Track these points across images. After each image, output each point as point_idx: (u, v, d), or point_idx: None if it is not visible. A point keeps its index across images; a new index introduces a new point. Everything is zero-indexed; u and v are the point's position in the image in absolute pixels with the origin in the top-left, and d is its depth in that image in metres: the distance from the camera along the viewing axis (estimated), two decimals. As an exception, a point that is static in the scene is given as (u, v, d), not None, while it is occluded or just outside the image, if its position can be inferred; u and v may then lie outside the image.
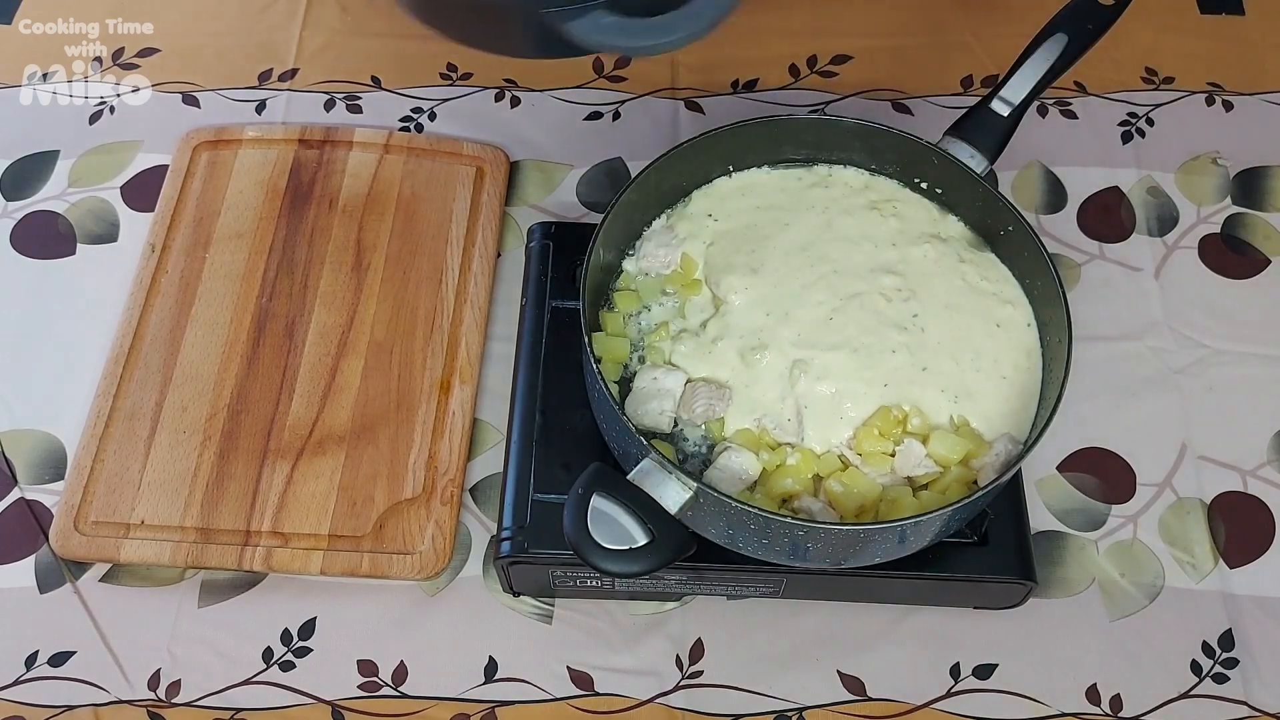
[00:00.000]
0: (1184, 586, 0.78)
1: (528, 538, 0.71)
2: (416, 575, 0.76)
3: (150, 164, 0.96)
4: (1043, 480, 0.82)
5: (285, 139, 0.95)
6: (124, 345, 0.84)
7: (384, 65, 1.02)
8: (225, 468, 0.79)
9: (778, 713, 0.74)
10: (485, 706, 0.74)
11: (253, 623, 0.76)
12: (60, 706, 0.73)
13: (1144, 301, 0.89)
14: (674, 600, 0.77)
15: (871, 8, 1.06)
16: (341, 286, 0.87)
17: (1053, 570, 0.78)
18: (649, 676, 0.74)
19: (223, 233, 0.90)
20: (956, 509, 0.62)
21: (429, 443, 0.81)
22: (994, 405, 0.70)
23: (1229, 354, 0.87)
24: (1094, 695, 0.74)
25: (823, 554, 0.65)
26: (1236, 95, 1.01)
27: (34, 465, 0.82)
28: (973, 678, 0.75)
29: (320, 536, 0.77)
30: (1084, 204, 0.94)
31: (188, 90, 1.01)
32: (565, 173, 0.96)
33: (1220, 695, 0.74)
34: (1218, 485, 0.81)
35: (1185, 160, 0.97)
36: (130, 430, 0.81)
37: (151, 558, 0.76)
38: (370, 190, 0.92)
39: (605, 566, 0.59)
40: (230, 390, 0.82)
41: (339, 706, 0.74)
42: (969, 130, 0.75)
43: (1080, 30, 0.74)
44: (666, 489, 0.61)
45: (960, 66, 1.03)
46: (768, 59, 1.03)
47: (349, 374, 0.83)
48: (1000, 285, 0.75)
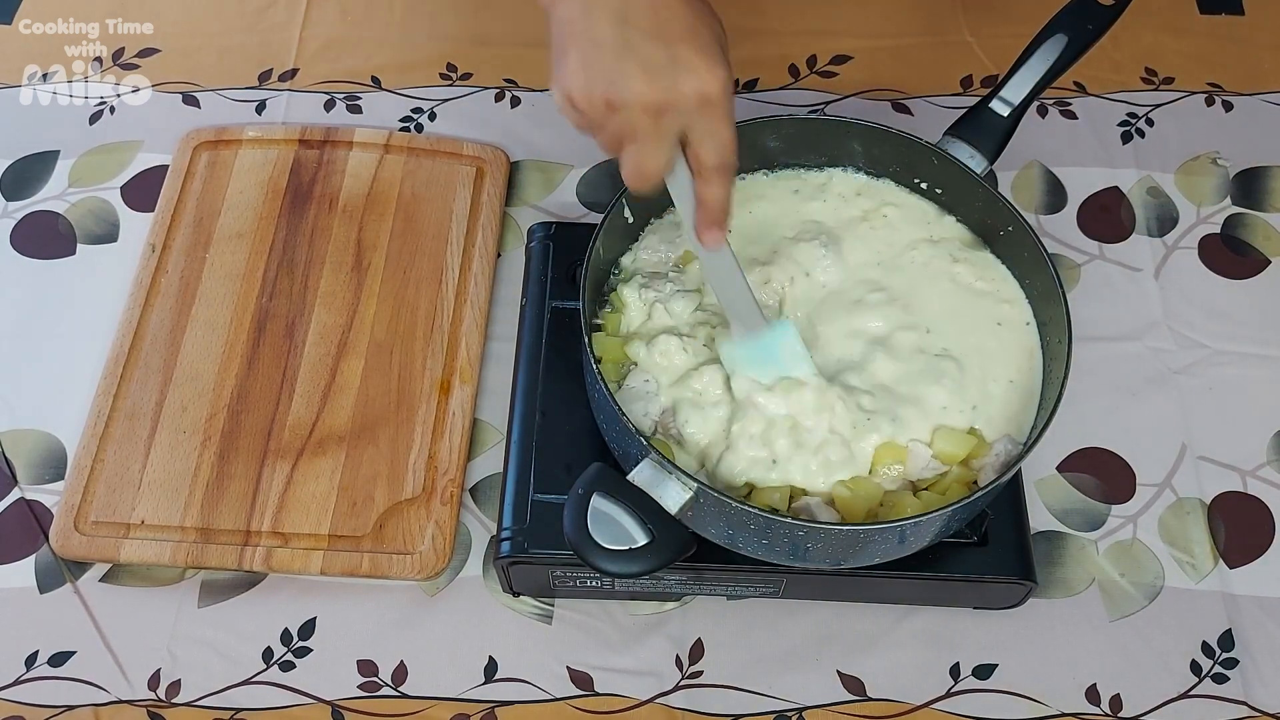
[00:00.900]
0: (1184, 586, 0.78)
1: (528, 538, 0.70)
2: (416, 575, 0.76)
3: (150, 164, 0.96)
4: (1043, 480, 0.82)
5: (285, 139, 0.95)
6: (124, 345, 0.84)
7: (384, 65, 1.02)
8: (225, 468, 0.79)
9: (778, 713, 0.74)
10: (485, 706, 0.74)
11: (253, 623, 0.76)
12: (60, 706, 0.73)
13: (1144, 301, 0.89)
14: (674, 600, 0.77)
15: (871, 8, 1.06)
16: (341, 286, 0.87)
17: (1053, 570, 0.78)
18: (649, 676, 0.74)
19: (223, 233, 0.90)
20: (956, 509, 0.62)
21: (429, 443, 0.81)
22: (999, 409, 0.70)
23: (1229, 354, 0.87)
24: (1094, 695, 0.74)
25: (823, 554, 0.65)
26: (1236, 95, 1.01)
27: (34, 465, 0.82)
28: (973, 678, 0.75)
29: (320, 536, 0.77)
30: (1084, 204, 0.94)
31: (188, 90, 1.01)
32: (565, 173, 0.96)
33: (1220, 695, 0.74)
34: (1218, 485, 0.81)
35: (1185, 160, 0.97)
36: (130, 430, 0.81)
37: (151, 558, 0.76)
38: (370, 190, 0.92)
39: (605, 567, 0.59)
40: (230, 390, 0.82)
41: (339, 706, 0.74)
42: (969, 130, 0.75)
43: (1080, 30, 0.74)
44: (666, 489, 0.61)
45: (960, 66, 1.03)
46: (768, 59, 1.03)
47: (349, 374, 0.83)
48: (998, 284, 0.75)
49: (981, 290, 0.75)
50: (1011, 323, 0.73)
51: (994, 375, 0.72)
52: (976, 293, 0.74)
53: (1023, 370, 0.72)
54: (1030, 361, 0.72)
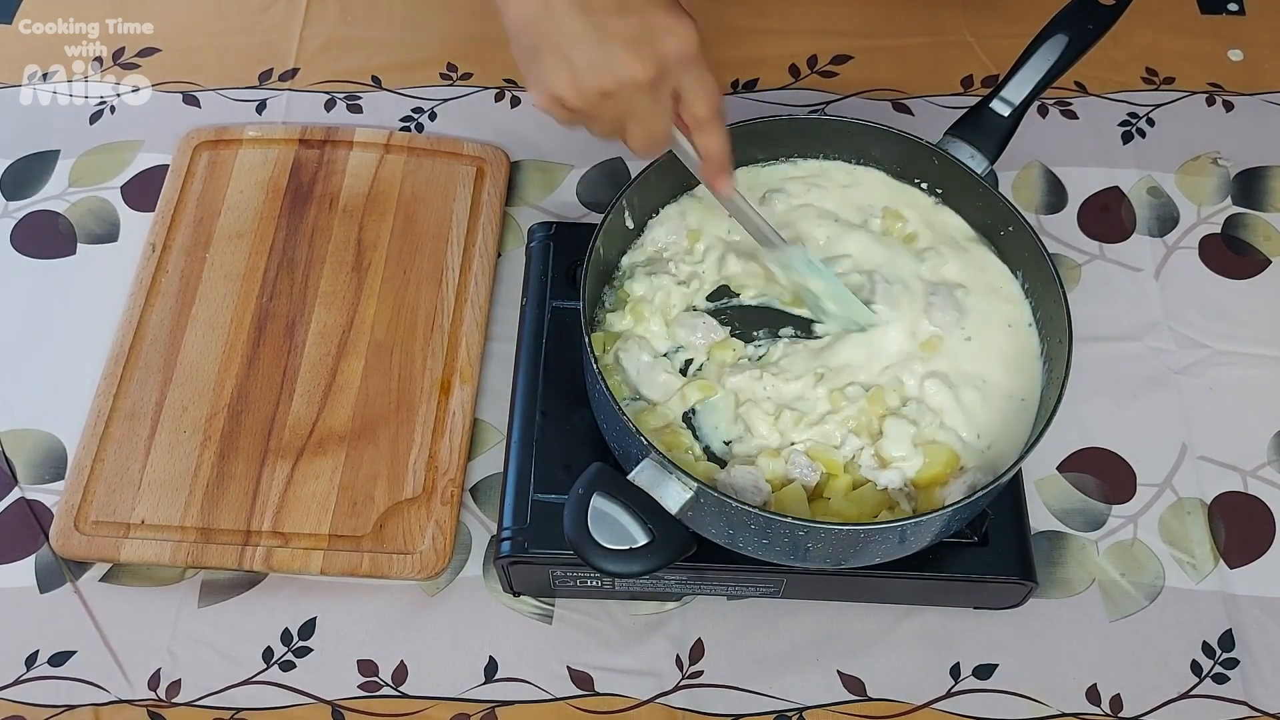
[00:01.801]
0: (1184, 586, 0.78)
1: (528, 538, 0.70)
2: (416, 575, 0.76)
3: (150, 164, 0.96)
4: (1043, 480, 0.82)
5: (285, 139, 0.95)
6: (124, 345, 0.84)
7: (384, 65, 1.02)
8: (225, 467, 0.79)
9: (778, 713, 0.74)
10: (485, 706, 0.74)
11: (253, 623, 0.76)
12: (60, 706, 0.73)
13: (1144, 301, 0.89)
14: (674, 600, 0.77)
15: (872, 8, 1.06)
16: (342, 286, 0.87)
17: (1053, 570, 0.78)
18: (649, 676, 0.74)
19: (223, 233, 0.90)
20: (956, 509, 0.62)
21: (429, 443, 0.81)
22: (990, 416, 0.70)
23: (1229, 354, 0.87)
24: (1094, 695, 0.74)
25: (823, 554, 0.65)
26: (1236, 95, 1.01)
27: (34, 465, 0.82)
28: (973, 678, 0.75)
29: (320, 536, 0.77)
30: (1084, 204, 0.94)
31: (188, 90, 1.01)
32: (565, 173, 0.96)
33: (1220, 695, 0.74)
34: (1218, 485, 0.81)
35: (1185, 160, 0.97)
36: (130, 430, 0.81)
37: (151, 557, 0.76)
38: (370, 190, 0.92)
39: (605, 566, 0.59)
40: (230, 390, 0.82)
41: (339, 706, 0.74)
42: (969, 130, 0.75)
43: (1080, 30, 0.74)
44: (667, 489, 0.61)
45: (960, 66, 1.03)
46: (768, 59, 1.03)
47: (349, 374, 0.83)
48: (1001, 285, 0.75)
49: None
50: (1015, 323, 0.74)
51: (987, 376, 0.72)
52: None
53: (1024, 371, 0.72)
54: (1031, 362, 0.72)
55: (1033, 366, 0.72)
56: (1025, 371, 0.72)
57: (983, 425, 0.69)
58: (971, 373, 0.71)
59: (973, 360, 0.71)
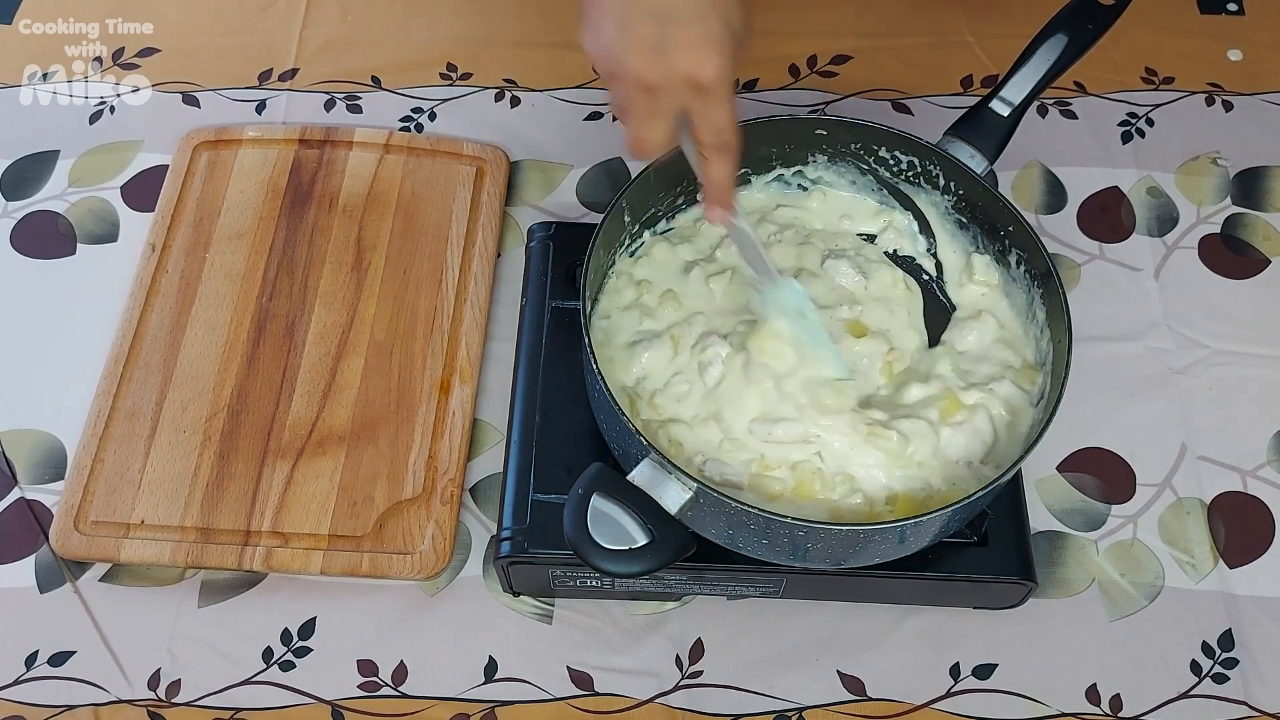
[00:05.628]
0: (1184, 586, 0.78)
1: (528, 538, 0.71)
2: (416, 575, 0.76)
3: (150, 164, 0.96)
4: (1043, 480, 0.82)
5: (285, 139, 0.95)
6: (124, 345, 0.84)
7: (384, 65, 1.02)
8: (225, 468, 0.79)
9: (778, 713, 0.74)
10: (485, 706, 0.74)
11: (253, 623, 0.76)
12: (60, 706, 0.73)
13: (1144, 301, 0.89)
14: (674, 600, 0.77)
15: (872, 8, 1.06)
16: (341, 286, 0.87)
17: (1053, 570, 0.78)
18: (649, 676, 0.74)
19: (223, 233, 0.90)
20: (956, 509, 0.62)
21: (429, 443, 0.81)
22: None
23: (1229, 354, 0.87)
24: (1094, 695, 0.74)
25: (823, 554, 0.65)
26: (1236, 95, 1.01)
27: (34, 465, 0.82)
28: (973, 678, 0.75)
29: (320, 536, 0.77)
30: (1084, 204, 0.94)
31: (188, 90, 1.01)
32: (565, 173, 0.96)
33: (1220, 695, 0.74)
34: (1218, 485, 0.81)
35: (1185, 160, 0.97)
36: (130, 430, 0.81)
37: (151, 558, 0.76)
38: (370, 190, 0.92)
39: (605, 567, 0.59)
40: (230, 390, 0.82)
41: (339, 706, 0.74)
42: (969, 130, 0.75)
43: (1080, 30, 0.74)
44: (666, 489, 0.61)
45: (960, 66, 1.03)
46: (768, 59, 1.03)
47: (349, 374, 0.83)
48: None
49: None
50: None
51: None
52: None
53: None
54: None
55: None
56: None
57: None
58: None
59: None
